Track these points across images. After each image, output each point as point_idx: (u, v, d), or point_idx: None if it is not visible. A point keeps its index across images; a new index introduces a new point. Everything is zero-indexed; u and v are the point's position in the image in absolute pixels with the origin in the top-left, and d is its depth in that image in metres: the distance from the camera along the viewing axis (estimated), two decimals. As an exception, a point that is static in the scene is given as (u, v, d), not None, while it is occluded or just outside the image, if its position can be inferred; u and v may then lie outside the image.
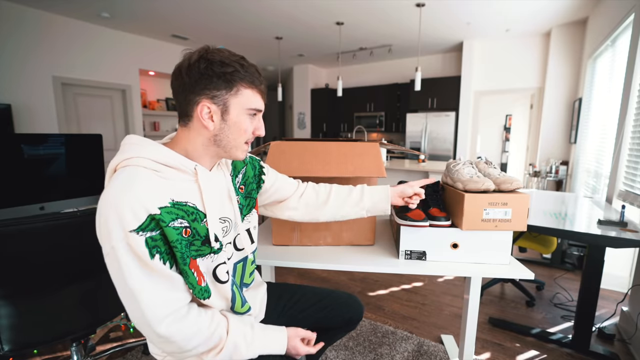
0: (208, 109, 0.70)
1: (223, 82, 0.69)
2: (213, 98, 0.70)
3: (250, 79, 0.72)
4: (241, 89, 0.71)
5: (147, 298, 0.63)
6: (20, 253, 0.99)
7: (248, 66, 0.72)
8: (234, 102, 0.72)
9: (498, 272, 1.08)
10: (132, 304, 0.63)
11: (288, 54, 5.69)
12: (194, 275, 0.70)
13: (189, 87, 0.69)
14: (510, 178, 1.07)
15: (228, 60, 0.69)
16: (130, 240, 0.61)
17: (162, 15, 3.88)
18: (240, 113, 0.73)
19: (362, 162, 1.17)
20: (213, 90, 0.69)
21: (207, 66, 0.68)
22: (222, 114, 0.72)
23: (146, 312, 0.63)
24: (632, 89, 2.06)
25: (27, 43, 3.62)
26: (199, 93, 0.69)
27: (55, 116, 3.92)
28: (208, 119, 0.71)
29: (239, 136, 0.75)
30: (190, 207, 0.70)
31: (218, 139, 0.74)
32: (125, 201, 0.61)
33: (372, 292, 2.37)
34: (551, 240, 2.17)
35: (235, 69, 0.70)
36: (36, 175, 1.61)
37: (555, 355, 1.69)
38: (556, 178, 3.96)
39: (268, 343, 0.80)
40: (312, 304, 1.08)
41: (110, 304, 1.27)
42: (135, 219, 0.61)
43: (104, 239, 0.62)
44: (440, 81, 5.20)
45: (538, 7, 3.54)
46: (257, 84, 0.74)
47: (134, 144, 0.69)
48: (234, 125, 0.73)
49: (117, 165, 0.68)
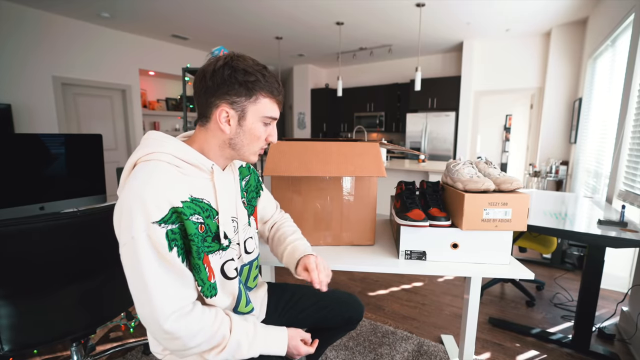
0: (226, 114, 0.74)
1: (244, 90, 0.73)
2: (232, 104, 0.73)
3: (270, 89, 0.75)
4: (260, 97, 0.75)
5: (159, 291, 0.64)
6: (20, 253, 0.99)
7: (269, 76, 0.75)
8: (251, 109, 0.75)
9: (498, 272, 1.08)
10: (142, 296, 0.64)
11: (288, 54, 5.69)
12: (206, 271, 0.72)
13: (211, 90, 0.72)
14: (510, 178, 1.07)
15: (251, 69, 0.73)
16: (152, 231, 0.63)
17: (162, 15, 3.88)
18: (256, 120, 0.76)
19: (362, 162, 1.17)
20: (233, 97, 0.73)
21: (231, 73, 0.71)
22: (239, 119, 0.75)
23: (156, 306, 0.64)
24: (632, 89, 2.06)
25: (27, 43, 3.62)
26: (220, 97, 0.73)
27: (55, 116, 3.92)
28: (225, 123, 0.74)
29: (253, 142, 0.78)
30: (205, 204, 0.73)
31: (233, 142, 0.77)
32: (150, 193, 0.63)
33: (372, 292, 2.37)
34: (551, 240, 2.17)
35: (256, 78, 0.73)
36: (36, 175, 1.61)
37: (555, 355, 1.69)
38: (556, 178, 3.96)
39: (270, 343, 0.80)
40: (312, 303, 1.08)
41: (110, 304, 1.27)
42: (159, 210, 0.63)
43: (123, 230, 0.63)
44: (440, 81, 5.19)
45: (538, 7, 3.54)
46: (276, 94, 0.77)
47: (156, 139, 0.72)
48: (249, 131, 0.76)
49: (138, 159, 0.70)
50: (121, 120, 4.71)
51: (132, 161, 0.70)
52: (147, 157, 0.69)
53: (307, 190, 1.26)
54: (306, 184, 1.26)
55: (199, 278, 0.71)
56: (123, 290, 1.31)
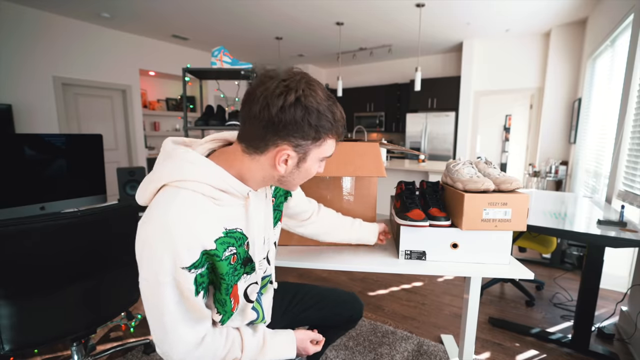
0: (287, 156, 0.65)
1: (313, 133, 0.64)
2: (297, 146, 0.64)
3: (338, 131, 0.68)
4: (327, 139, 0.67)
5: (178, 332, 0.62)
6: (20, 253, 0.99)
7: (339, 116, 0.67)
8: (314, 152, 0.67)
9: (498, 272, 1.08)
10: (159, 331, 0.63)
11: (288, 54, 5.69)
12: (231, 303, 0.70)
13: (275, 128, 0.61)
14: (510, 178, 1.07)
15: (323, 110, 0.63)
16: (180, 276, 0.59)
17: (162, 15, 3.88)
18: (315, 161, 0.69)
19: (362, 162, 1.18)
20: (299, 139, 0.63)
21: (304, 115, 0.61)
22: (298, 161, 0.67)
23: (173, 345, 0.63)
24: (632, 89, 2.06)
25: (27, 43, 3.62)
26: (284, 138, 0.62)
27: (55, 116, 3.92)
28: (282, 163, 0.66)
29: (304, 179, 0.72)
30: (238, 233, 0.68)
31: (283, 180, 0.70)
32: (183, 234, 0.58)
33: (372, 292, 2.38)
34: (551, 240, 2.17)
35: (328, 121, 0.64)
36: (36, 175, 1.62)
37: (554, 355, 1.69)
38: (556, 178, 3.96)
39: (279, 350, 0.80)
40: (314, 303, 1.09)
41: (110, 303, 1.27)
42: (190, 255, 0.59)
43: (147, 267, 0.60)
44: (440, 81, 5.20)
45: (538, 7, 3.54)
46: (340, 134, 0.69)
47: (192, 162, 0.63)
48: (305, 171, 0.70)
49: (168, 182, 0.62)
50: (121, 120, 4.71)
51: (160, 182, 0.62)
52: (179, 184, 0.61)
53: (307, 190, 1.26)
54: (306, 184, 1.26)
55: (222, 311, 0.69)
56: (123, 290, 1.31)
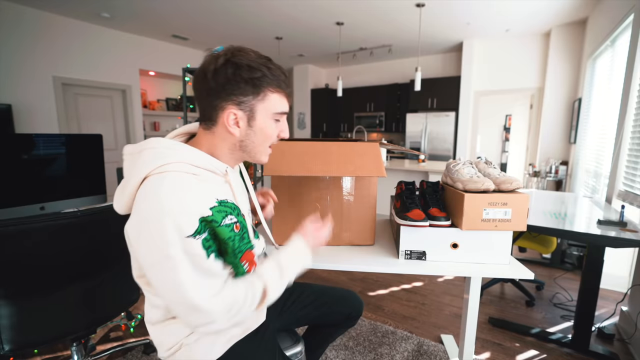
0: (234, 116, 0.69)
1: (250, 88, 0.68)
2: (240, 104, 0.68)
3: (277, 83, 0.71)
4: (268, 93, 0.70)
5: (205, 301, 0.63)
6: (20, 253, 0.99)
7: (275, 69, 0.70)
8: (260, 108, 0.70)
9: (498, 272, 1.08)
10: (190, 310, 0.63)
11: (288, 54, 5.69)
12: (244, 267, 0.74)
13: (215, 92, 0.67)
14: (510, 178, 1.07)
15: (255, 64, 0.67)
16: (188, 245, 0.61)
17: (162, 15, 3.88)
18: (266, 118, 0.72)
19: (362, 162, 1.17)
20: (240, 96, 0.68)
21: (235, 71, 0.66)
22: (248, 120, 0.70)
23: (206, 315, 0.64)
24: (632, 89, 2.06)
25: (27, 43, 3.62)
26: (226, 99, 0.68)
27: (55, 116, 3.92)
28: (234, 125, 0.70)
29: (265, 141, 0.75)
30: (231, 204, 0.72)
31: (244, 145, 0.73)
32: (178, 206, 0.60)
33: (372, 292, 2.38)
34: (551, 240, 2.17)
35: (263, 73, 0.68)
36: (36, 175, 1.62)
37: (555, 355, 1.69)
38: (556, 178, 3.96)
39: (297, 264, 0.82)
40: (312, 301, 1.09)
41: (110, 303, 1.27)
42: (191, 224, 0.61)
43: (151, 250, 0.61)
44: (440, 81, 5.20)
45: (538, 7, 3.54)
46: (284, 87, 0.73)
47: (167, 147, 0.67)
48: (260, 131, 0.73)
49: (150, 171, 0.64)
50: (121, 120, 4.71)
51: (142, 174, 0.63)
52: (160, 169, 0.64)
53: (307, 190, 1.26)
54: (306, 184, 1.26)
55: (238, 273, 0.73)
56: (123, 290, 1.31)
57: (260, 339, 0.86)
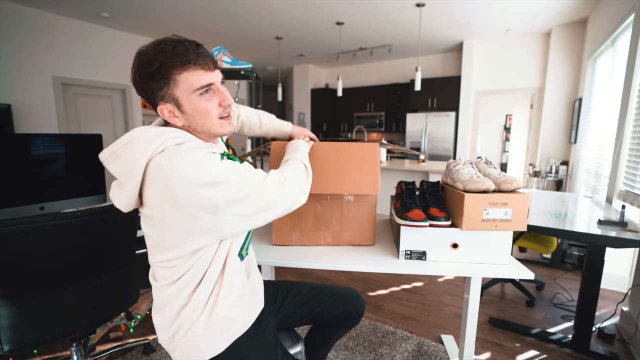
0: (167, 110, 0.72)
1: (158, 81, 0.68)
2: (162, 98, 0.70)
3: (179, 61, 0.67)
4: (175, 77, 0.68)
5: (262, 189, 0.74)
6: (20, 253, 0.99)
7: (172, 49, 0.67)
8: (178, 93, 0.69)
9: (498, 272, 1.08)
10: (261, 206, 0.74)
11: (288, 54, 5.69)
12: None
13: (145, 97, 0.71)
14: (510, 178, 1.07)
15: (151, 57, 0.67)
16: (225, 162, 0.72)
17: (161, 15, 3.88)
18: (191, 99, 0.71)
19: (358, 174, 1.19)
20: (157, 92, 0.69)
21: (141, 75, 0.68)
22: (178, 108, 0.71)
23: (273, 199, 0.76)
24: (632, 89, 2.05)
25: (27, 43, 3.62)
26: (152, 99, 0.71)
27: (55, 116, 3.91)
28: (173, 117, 0.73)
29: (207, 118, 0.74)
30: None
31: (192, 128, 0.75)
32: (203, 150, 0.70)
33: (372, 292, 2.37)
34: (551, 240, 2.17)
35: (160, 62, 0.66)
36: (36, 175, 1.61)
37: (555, 355, 1.69)
38: (556, 178, 3.96)
39: (302, 149, 1.00)
40: (310, 299, 1.08)
41: (110, 303, 1.27)
42: (215, 155, 0.71)
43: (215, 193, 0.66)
44: (440, 81, 5.19)
45: (538, 7, 3.54)
46: (190, 61, 0.68)
47: (158, 132, 0.69)
48: (194, 111, 0.72)
49: (151, 155, 0.66)
50: (121, 120, 4.71)
51: (142, 162, 0.65)
52: (160, 148, 0.67)
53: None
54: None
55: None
56: (123, 290, 1.31)
57: (262, 335, 0.86)
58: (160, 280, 0.77)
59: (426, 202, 1.20)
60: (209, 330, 0.77)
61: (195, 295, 0.75)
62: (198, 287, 0.75)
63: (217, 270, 0.77)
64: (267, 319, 0.91)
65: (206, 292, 0.76)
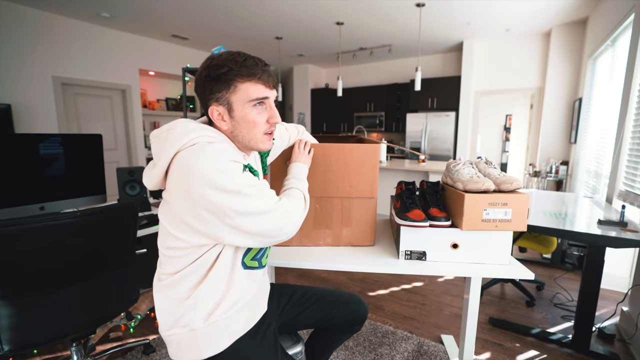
0: (217, 112, 0.77)
1: (221, 84, 0.75)
2: (218, 100, 0.76)
3: (246, 73, 0.75)
4: (238, 84, 0.75)
5: (273, 210, 0.75)
6: (20, 253, 0.99)
7: (242, 60, 0.75)
8: (235, 99, 0.76)
9: (498, 272, 1.08)
10: (271, 227, 0.75)
11: (288, 54, 5.69)
12: None
13: (201, 95, 0.78)
14: (510, 178, 1.07)
15: (222, 62, 0.74)
16: (246, 175, 0.73)
17: (162, 15, 3.88)
18: (244, 107, 0.77)
19: (358, 178, 1.19)
20: (216, 94, 0.75)
21: (207, 74, 0.75)
22: (229, 112, 0.77)
23: (281, 222, 0.76)
24: (632, 89, 2.06)
25: (27, 43, 3.62)
26: (208, 99, 0.77)
27: (55, 116, 3.91)
28: (220, 120, 0.78)
29: (252, 128, 0.79)
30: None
31: (234, 135, 0.80)
32: (219, 159, 0.70)
33: (372, 292, 2.37)
34: (551, 240, 2.17)
35: (228, 68, 0.74)
36: (36, 175, 1.61)
37: (555, 355, 1.69)
38: (556, 178, 3.96)
39: (303, 172, 1.03)
40: (312, 303, 1.08)
41: (110, 303, 1.27)
42: (238, 165, 0.72)
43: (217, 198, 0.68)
44: (440, 81, 5.19)
45: (538, 7, 3.54)
46: (255, 75, 0.76)
47: (197, 127, 0.74)
48: (242, 120, 0.78)
49: (183, 145, 0.71)
50: (121, 120, 4.71)
51: (173, 150, 0.71)
52: (192, 142, 0.71)
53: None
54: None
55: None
56: (123, 290, 1.31)
57: (262, 337, 0.86)
58: (162, 268, 0.81)
59: (426, 202, 1.20)
60: (208, 329, 0.77)
61: (196, 292, 0.76)
62: (199, 285, 0.76)
63: (224, 274, 0.78)
64: (268, 322, 0.91)
65: (208, 292, 0.76)
